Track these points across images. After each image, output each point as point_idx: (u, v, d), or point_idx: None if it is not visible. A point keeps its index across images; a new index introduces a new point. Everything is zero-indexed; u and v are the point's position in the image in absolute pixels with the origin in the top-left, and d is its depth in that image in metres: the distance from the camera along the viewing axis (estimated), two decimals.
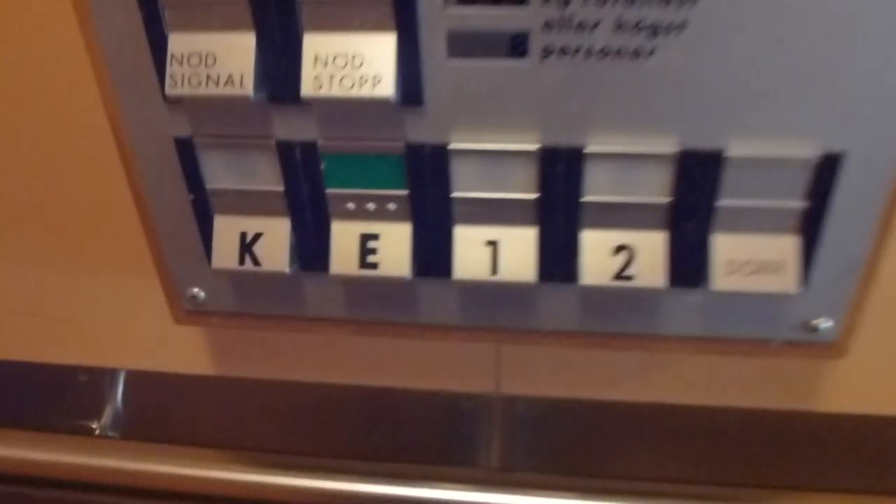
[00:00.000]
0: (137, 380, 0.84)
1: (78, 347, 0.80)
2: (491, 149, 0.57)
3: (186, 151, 0.60)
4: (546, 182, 0.58)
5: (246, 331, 0.71)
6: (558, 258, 0.61)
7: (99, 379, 0.84)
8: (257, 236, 0.62)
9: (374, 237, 0.61)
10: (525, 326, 0.67)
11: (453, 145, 0.57)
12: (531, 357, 0.80)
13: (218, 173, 0.61)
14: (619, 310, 0.65)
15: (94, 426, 0.86)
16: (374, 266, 0.61)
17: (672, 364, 0.79)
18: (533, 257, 0.60)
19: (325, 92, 0.53)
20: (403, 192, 0.60)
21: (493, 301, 0.65)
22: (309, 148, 0.58)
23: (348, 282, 0.65)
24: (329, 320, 0.68)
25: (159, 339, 0.76)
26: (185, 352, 0.78)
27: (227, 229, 0.62)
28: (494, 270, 0.60)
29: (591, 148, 0.56)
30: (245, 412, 0.82)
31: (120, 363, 0.81)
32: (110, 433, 0.90)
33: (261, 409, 0.81)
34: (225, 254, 0.62)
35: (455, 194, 0.59)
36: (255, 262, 0.62)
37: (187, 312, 0.69)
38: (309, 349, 0.79)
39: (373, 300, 0.66)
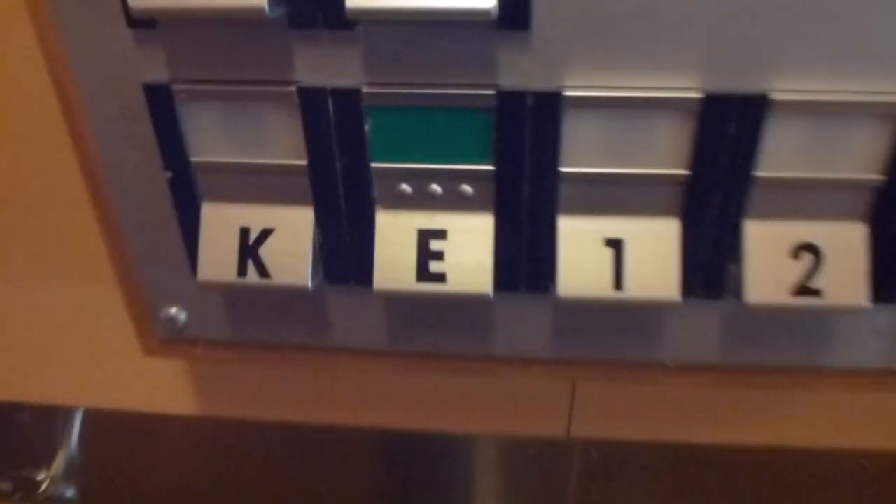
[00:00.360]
0: (99, 420, 0.62)
1: (16, 381, 0.58)
2: (626, 97, 0.37)
3: (161, 105, 0.39)
4: (705, 147, 0.38)
5: (245, 365, 0.50)
6: (710, 264, 0.41)
7: (48, 419, 0.64)
8: (266, 234, 0.41)
9: (440, 235, 0.41)
10: (636, 360, 0.46)
11: (571, 91, 0.37)
12: (610, 392, 0.59)
13: (208, 139, 0.40)
14: (776, 335, 0.45)
15: (40, 478, 0.65)
16: (439, 278, 0.40)
17: (800, 400, 0.60)
18: (675, 262, 0.40)
19: (381, 3, 0.33)
20: (488, 167, 0.39)
21: (594, 325, 0.45)
22: (348, 99, 0.38)
23: (398, 301, 0.44)
24: (366, 353, 0.47)
25: (127, 370, 0.55)
26: (160, 386, 0.57)
27: (220, 223, 0.41)
28: (618, 283, 0.40)
29: (777, 95, 0.36)
30: (240, 462, 0.60)
31: (75, 400, 0.62)
32: (62, 486, 0.69)
33: (261, 458, 0.59)
34: (217, 260, 0.41)
35: (566, 168, 0.39)
36: (263, 272, 0.41)
37: (162, 340, 0.48)
38: (326, 384, 0.58)
39: (431, 326, 0.45)
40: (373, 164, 0.40)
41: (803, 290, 0.40)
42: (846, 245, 0.40)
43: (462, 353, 0.47)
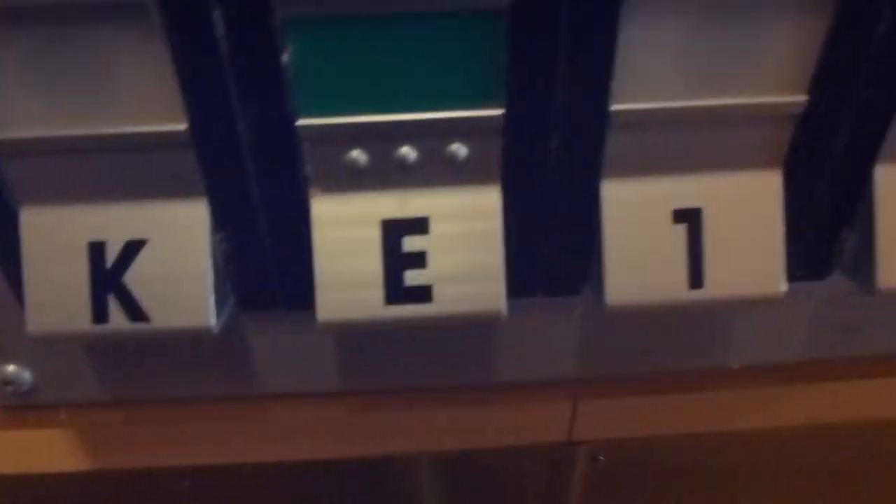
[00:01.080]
0: None
1: None
2: None
3: None
4: (840, 57, 0.21)
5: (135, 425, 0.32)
6: (820, 233, 0.25)
7: None
8: (133, 249, 0.23)
9: (419, 226, 0.23)
10: (691, 367, 0.30)
11: None
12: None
13: (11, 99, 0.21)
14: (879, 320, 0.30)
15: None
16: (420, 296, 0.23)
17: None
18: (776, 237, 0.24)
19: None
20: (493, 112, 0.21)
21: (639, 330, 0.29)
22: (249, 8, 0.19)
23: (354, 333, 0.27)
24: (311, 397, 0.29)
25: None
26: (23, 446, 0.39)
27: (54, 238, 0.23)
28: (695, 277, 0.24)
29: None
30: None
31: None
32: None
33: None
34: (56, 299, 0.23)
35: (621, 106, 0.22)
36: (135, 311, 0.23)
37: (4, 409, 0.29)
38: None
39: (403, 356, 0.28)
40: (300, 122, 0.22)
41: None
42: None
43: (449, 383, 0.30)
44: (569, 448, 0.47)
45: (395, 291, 0.24)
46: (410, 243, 0.24)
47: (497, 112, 0.22)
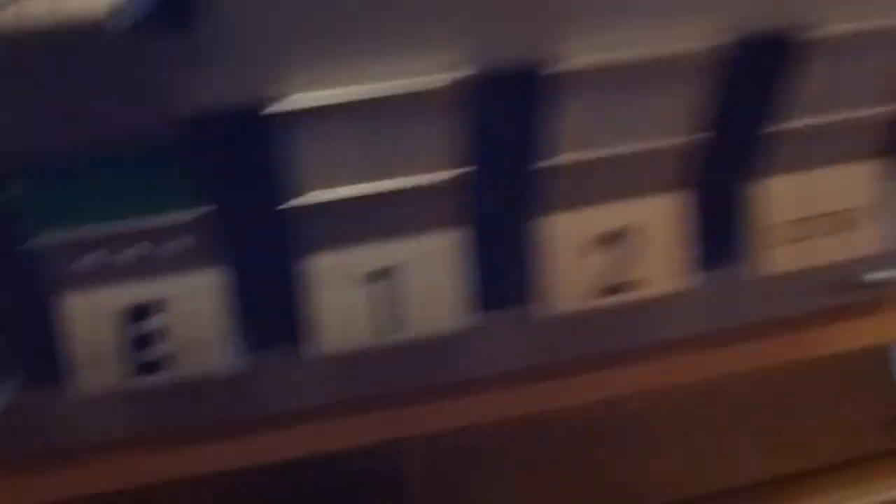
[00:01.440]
0: None
1: None
2: (365, 99, 0.25)
3: None
4: (480, 142, 0.27)
5: None
6: (500, 275, 0.31)
7: None
8: None
9: (156, 307, 0.28)
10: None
11: (286, 105, 0.24)
12: None
13: None
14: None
15: None
16: (160, 365, 0.28)
17: None
18: (460, 280, 0.29)
19: None
20: (203, 211, 0.26)
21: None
22: None
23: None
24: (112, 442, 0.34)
25: None
26: None
27: None
28: (395, 324, 0.29)
29: (567, 65, 0.26)
30: None
31: None
32: None
33: None
34: None
35: (300, 201, 0.27)
36: None
37: None
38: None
39: (175, 401, 0.33)
40: (32, 241, 0.26)
41: (615, 286, 0.31)
42: (661, 222, 0.31)
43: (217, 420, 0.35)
44: (399, 445, 0.51)
45: (139, 365, 0.28)
46: (149, 324, 0.28)
47: (198, 211, 0.27)
